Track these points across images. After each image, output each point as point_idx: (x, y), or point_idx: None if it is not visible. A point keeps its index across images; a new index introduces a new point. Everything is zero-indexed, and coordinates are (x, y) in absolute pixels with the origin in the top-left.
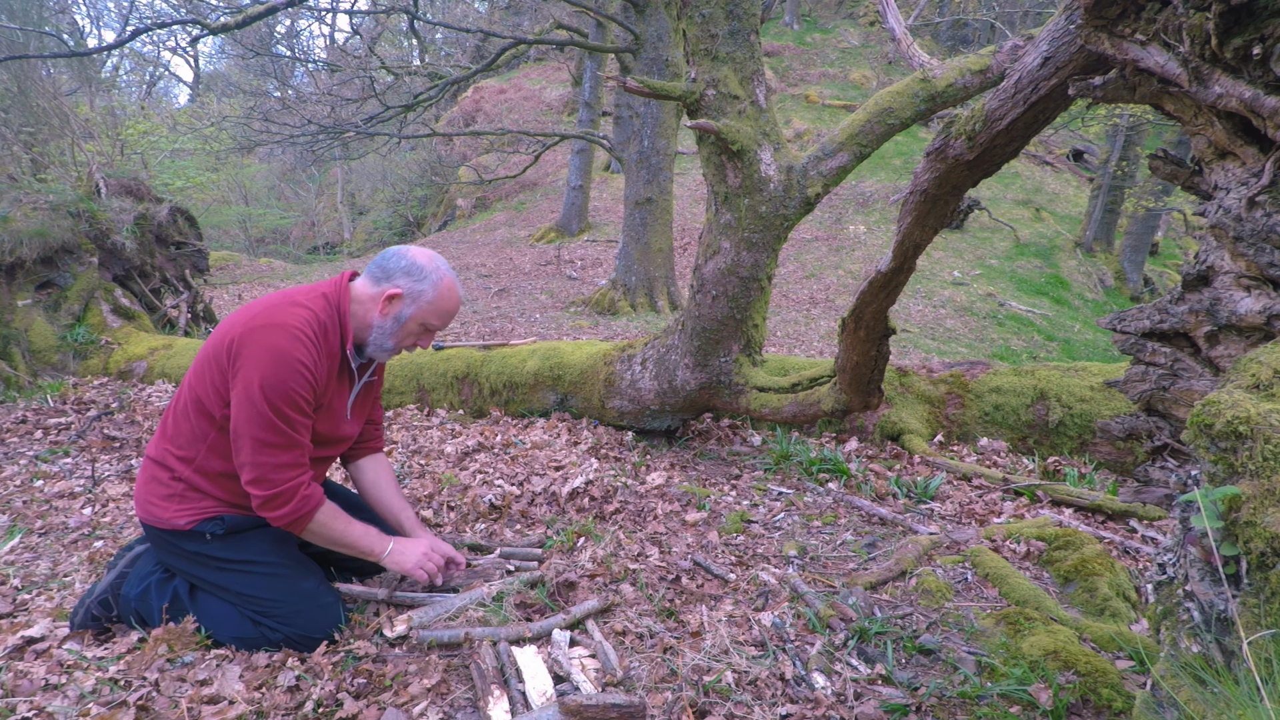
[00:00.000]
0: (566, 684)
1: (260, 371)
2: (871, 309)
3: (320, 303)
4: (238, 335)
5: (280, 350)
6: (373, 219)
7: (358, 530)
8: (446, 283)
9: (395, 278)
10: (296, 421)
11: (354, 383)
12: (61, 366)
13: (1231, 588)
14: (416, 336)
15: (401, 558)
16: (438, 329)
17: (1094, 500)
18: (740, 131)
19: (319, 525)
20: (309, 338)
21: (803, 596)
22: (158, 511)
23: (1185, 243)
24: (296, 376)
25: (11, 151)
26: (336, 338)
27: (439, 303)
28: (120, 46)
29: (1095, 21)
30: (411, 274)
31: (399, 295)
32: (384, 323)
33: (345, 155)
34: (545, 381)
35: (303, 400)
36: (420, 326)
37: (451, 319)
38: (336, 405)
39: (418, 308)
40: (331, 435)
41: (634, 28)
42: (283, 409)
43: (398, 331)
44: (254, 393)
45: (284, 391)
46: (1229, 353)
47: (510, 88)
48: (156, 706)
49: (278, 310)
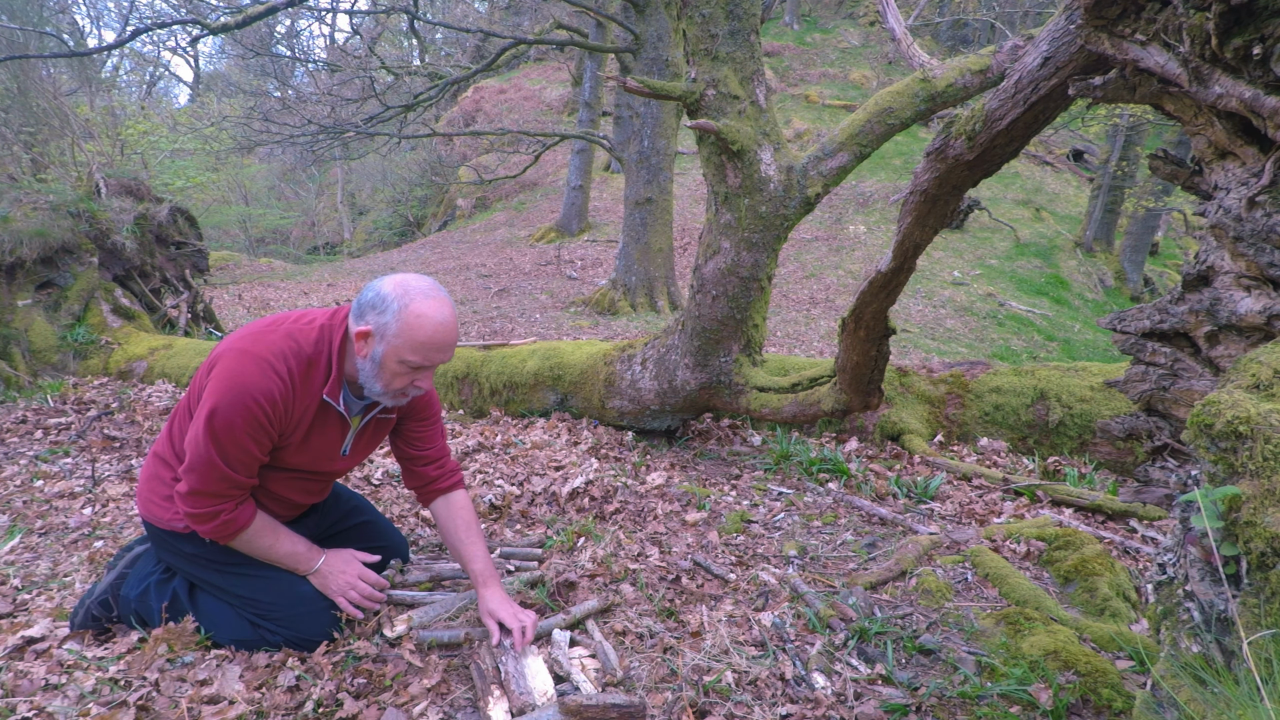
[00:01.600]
0: (566, 684)
1: (215, 398)
2: (871, 309)
3: (312, 334)
4: (222, 349)
5: (238, 380)
6: (373, 219)
7: (284, 548)
8: (414, 310)
9: (366, 314)
10: (231, 455)
11: (345, 421)
12: (61, 366)
13: (1231, 588)
14: (405, 377)
15: (326, 581)
16: (420, 365)
17: (1094, 500)
18: (740, 131)
19: (242, 544)
20: (279, 373)
21: (803, 596)
22: (158, 511)
23: (1185, 243)
24: (246, 413)
25: (11, 151)
26: (322, 375)
27: (407, 334)
28: (120, 46)
29: (1095, 21)
30: (376, 307)
31: (369, 334)
32: (365, 364)
33: (345, 155)
34: (545, 381)
35: (246, 436)
36: (400, 365)
37: (438, 350)
38: (317, 443)
39: (386, 345)
40: (322, 469)
41: (634, 28)
42: (222, 440)
43: (379, 373)
44: (204, 415)
45: (227, 423)
46: (1229, 353)
47: (510, 88)
48: (156, 706)
49: (262, 336)
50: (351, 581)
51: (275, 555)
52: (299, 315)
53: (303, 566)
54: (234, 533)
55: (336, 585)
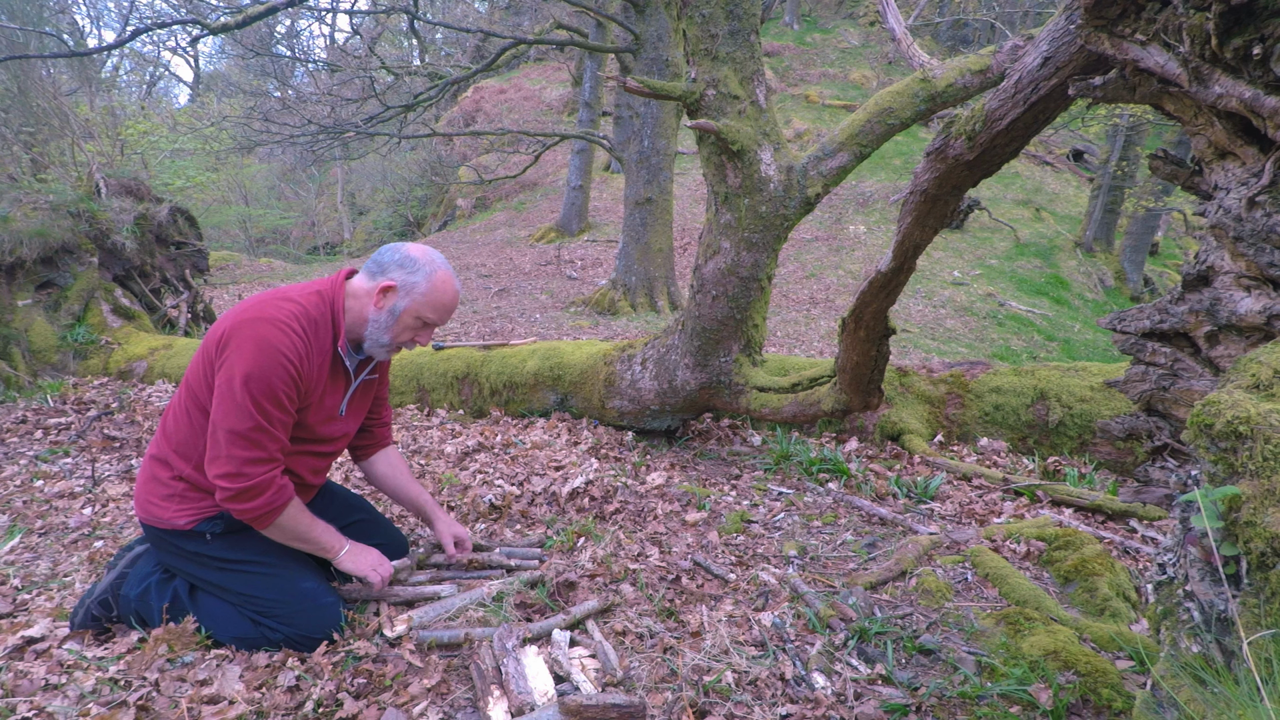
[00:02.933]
0: (566, 684)
1: (243, 363)
2: (871, 309)
3: (313, 299)
4: (227, 328)
5: (265, 342)
6: (373, 219)
7: (321, 526)
8: (441, 275)
9: (389, 271)
10: (274, 416)
11: (349, 381)
12: (61, 366)
13: (1231, 588)
14: (414, 331)
15: (355, 561)
16: (434, 323)
17: (1094, 500)
18: (740, 131)
19: (287, 519)
20: (296, 332)
21: (803, 596)
22: (158, 511)
23: (1185, 243)
24: (279, 370)
25: (11, 151)
26: (329, 334)
27: (433, 295)
28: (120, 46)
29: (1095, 21)
30: (405, 266)
31: (393, 288)
32: (379, 316)
33: (345, 155)
34: (545, 381)
35: (284, 395)
36: (416, 320)
37: (448, 314)
38: (328, 402)
39: (411, 300)
40: (324, 433)
41: (634, 28)
42: (262, 403)
43: (393, 325)
44: (235, 384)
45: (265, 385)
46: (1229, 353)
47: (510, 88)
48: (156, 706)
49: (267, 304)
50: (374, 562)
51: (313, 535)
52: (289, 287)
53: (333, 549)
54: (282, 504)
55: (366, 563)
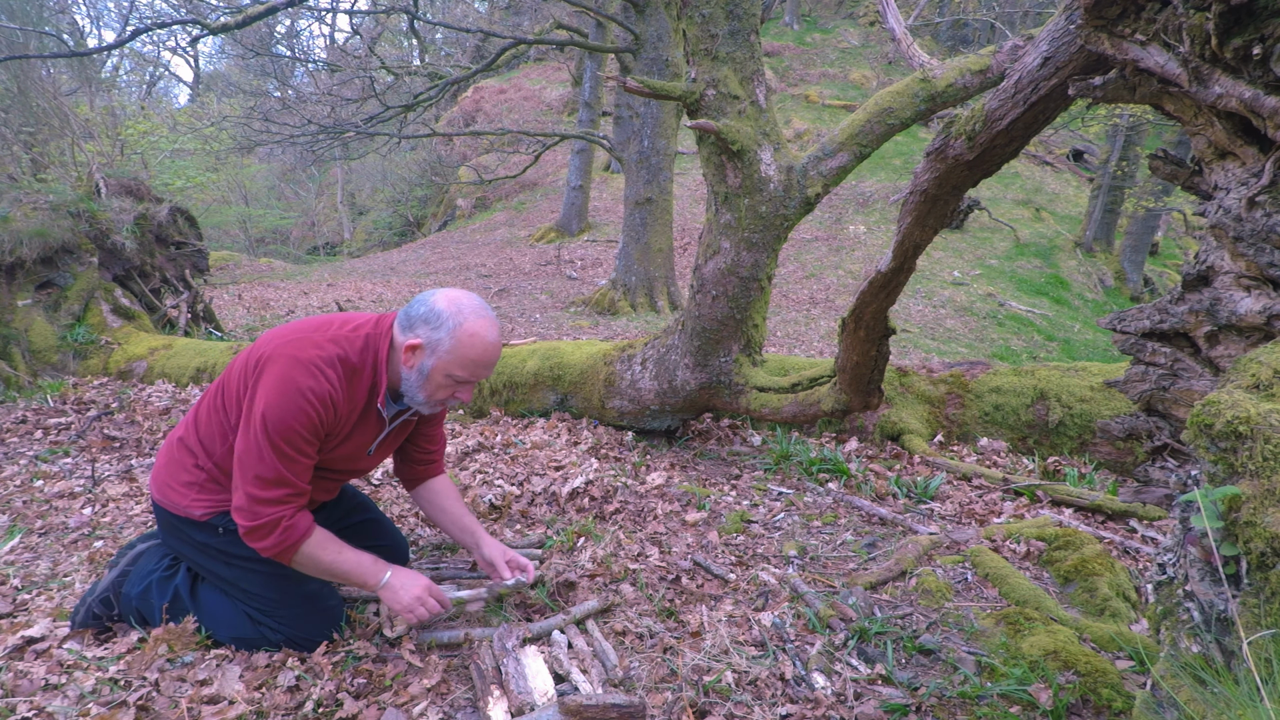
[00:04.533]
0: (566, 684)
1: (268, 401)
2: (871, 309)
3: (358, 343)
4: (269, 351)
5: (294, 386)
6: (373, 219)
7: (350, 559)
8: (468, 329)
9: (416, 327)
10: (291, 459)
11: (383, 426)
12: (61, 366)
13: (1231, 588)
14: (449, 389)
15: (396, 595)
16: (467, 380)
17: (1094, 500)
18: (740, 131)
19: (305, 557)
20: (330, 379)
21: (803, 596)
22: (175, 497)
23: (1185, 243)
24: (302, 415)
25: (11, 151)
26: (366, 383)
27: (460, 351)
28: (120, 46)
29: (1095, 21)
30: (430, 322)
31: (419, 346)
32: (410, 375)
33: (345, 155)
34: (545, 381)
35: (302, 440)
36: (447, 379)
37: (485, 368)
38: (356, 440)
39: (438, 359)
40: (346, 467)
41: (634, 28)
42: (279, 444)
43: (424, 385)
44: (256, 421)
45: (284, 428)
46: (1229, 353)
47: (510, 88)
48: (156, 706)
49: (308, 341)
50: (421, 597)
51: (342, 569)
52: (343, 320)
53: (371, 580)
54: (295, 541)
55: (408, 599)
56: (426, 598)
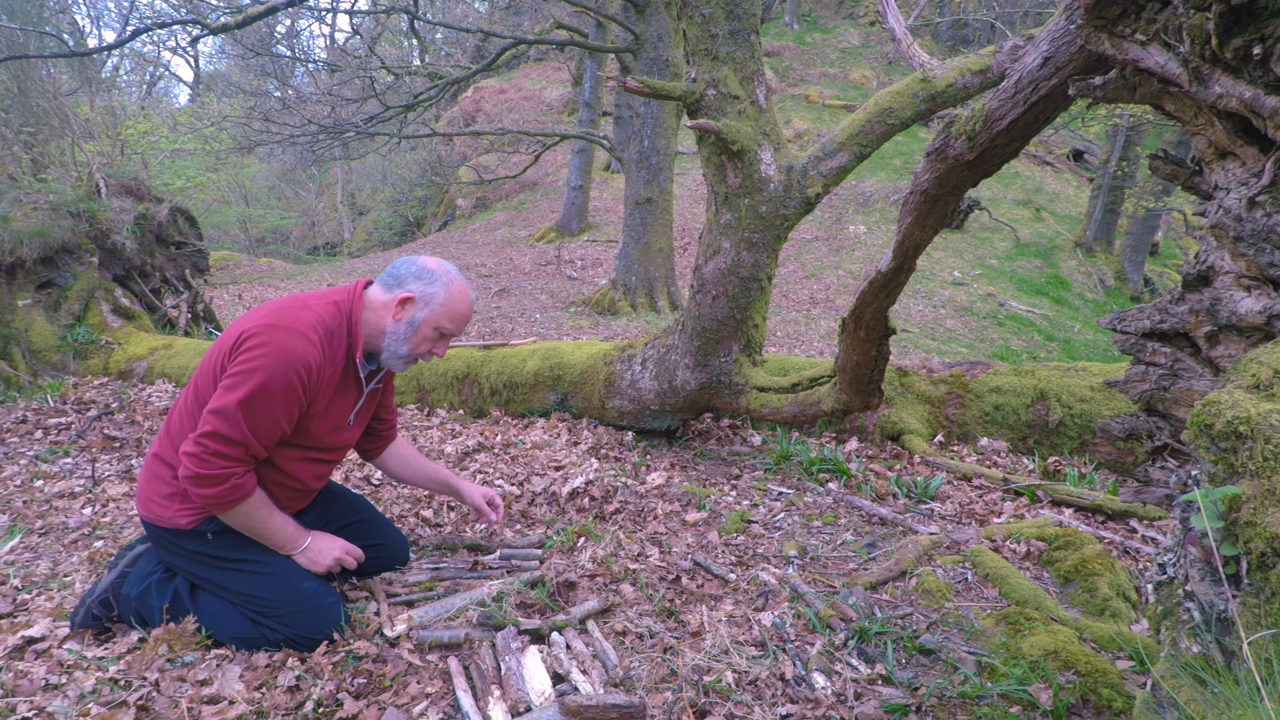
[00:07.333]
0: (566, 684)
1: (254, 364)
2: (871, 309)
3: (330, 309)
4: (247, 329)
5: (281, 349)
6: (373, 219)
7: (278, 522)
8: (458, 285)
9: (407, 283)
10: (261, 425)
11: (359, 392)
12: (61, 366)
13: (1231, 588)
14: (431, 342)
15: (315, 559)
16: (451, 333)
17: (1094, 500)
18: (740, 131)
19: (239, 514)
20: (313, 341)
21: (803, 596)
22: (159, 510)
23: (1185, 243)
24: (286, 381)
25: (11, 151)
26: (343, 345)
27: (451, 305)
28: (120, 46)
29: (1095, 21)
30: (422, 278)
31: (411, 299)
32: (398, 328)
33: (345, 155)
34: (545, 381)
35: (280, 408)
36: (434, 331)
37: (465, 323)
38: (336, 411)
39: (430, 311)
40: (330, 442)
41: (634, 28)
42: (255, 408)
43: (412, 336)
44: (239, 383)
45: (266, 392)
46: (1229, 353)
47: (510, 88)
48: (156, 706)
49: (285, 312)
50: (340, 558)
51: (269, 529)
52: (310, 294)
53: (290, 545)
54: (238, 499)
55: (329, 560)
56: (345, 556)
